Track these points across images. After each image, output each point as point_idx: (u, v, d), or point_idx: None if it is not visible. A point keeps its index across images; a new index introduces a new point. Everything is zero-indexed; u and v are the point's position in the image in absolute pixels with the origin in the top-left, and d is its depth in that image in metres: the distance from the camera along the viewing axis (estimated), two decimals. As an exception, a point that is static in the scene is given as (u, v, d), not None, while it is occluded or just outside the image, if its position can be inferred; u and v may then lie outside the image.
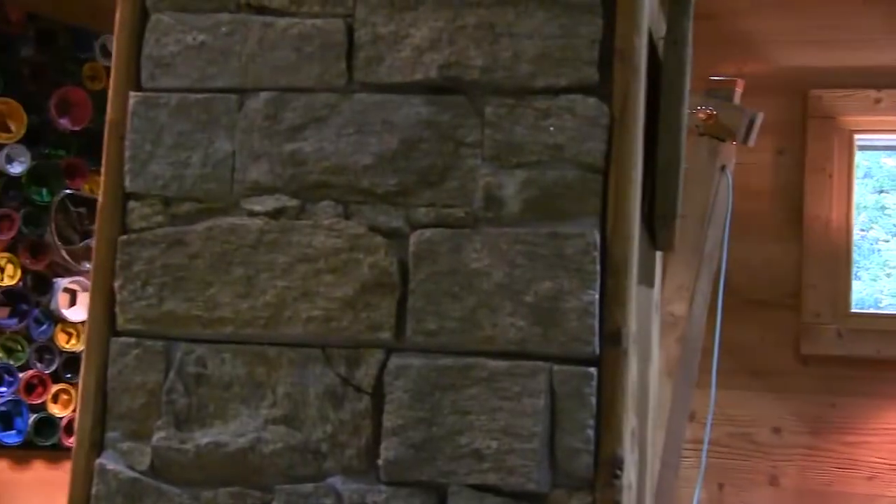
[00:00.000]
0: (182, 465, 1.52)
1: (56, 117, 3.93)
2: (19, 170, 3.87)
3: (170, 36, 1.59)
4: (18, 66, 3.87)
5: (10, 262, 3.88)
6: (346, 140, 1.53)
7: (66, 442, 3.92)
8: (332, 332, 1.51)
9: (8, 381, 3.82)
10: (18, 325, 3.85)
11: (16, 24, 3.86)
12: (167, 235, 1.57)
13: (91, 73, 4.01)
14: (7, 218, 3.85)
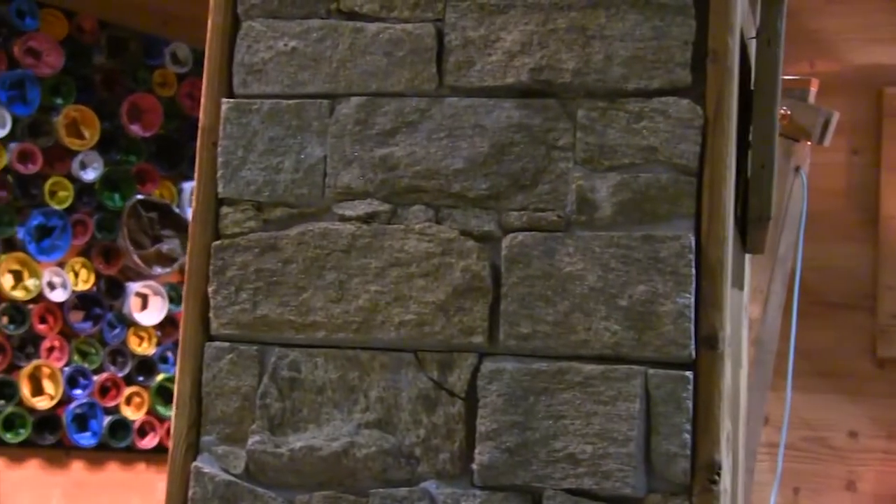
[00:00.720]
0: (277, 468, 1.53)
1: (128, 124, 3.99)
2: (93, 176, 3.94)
3: (261, 42, 1.61)
4: (91, 73, 3.94)
5: (84, 267, 3.94)
6: (437, 144, 1.54)
7: (139, 444, 3.98)
8: (424, 337, 1.51)
9: (83, 384, 3.89)
10: (92, 328, 3.91)
11: (89, 33, 3.93)
12: (260, 240, 1.58)
13: (161, 79, 4.07)
14: (81, 223, 3.92)
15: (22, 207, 3.81)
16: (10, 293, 3.74)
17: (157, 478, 4.06)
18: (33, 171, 3.80)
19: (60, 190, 3.87)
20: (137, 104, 4.01)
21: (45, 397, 3.80)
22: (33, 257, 3.80)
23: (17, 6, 3.77)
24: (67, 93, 3.87)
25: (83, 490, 3.92)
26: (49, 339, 3.83)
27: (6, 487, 3.77)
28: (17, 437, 3.73)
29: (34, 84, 3.79)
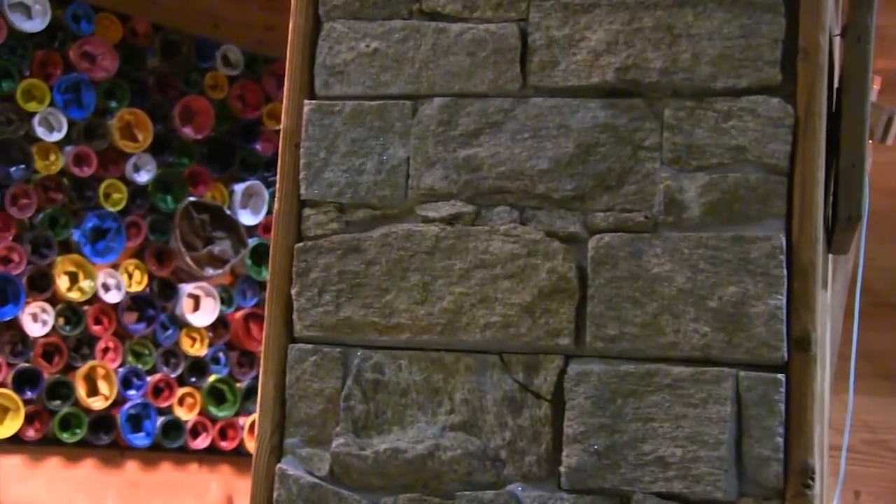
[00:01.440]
0: (361, 471, 1.53)
1: (180, 126, 4.01)
2: (146, 178, 3.96)
3: (343, 44, 1.60)
4: (145, 76, 3.96)
5: (137, 269, 3.96)
6: (521, 145, 1.52)
7: (192, 444, 3.99)
8: (510, 339, 1.50)
9: (137, 385, 3.91)
10: (146, 329, 3.93)
11: (142, 36, 3.95)
12: (343, 242, 1.57)
13: (213, 82, 4.08)
14: (134, 225, 3.94)
15: (77, 210, 3.84)
16: (65, 294, 3.77)
17: (210, 478, 4.08)
18: (88, 173, 3.82)
19: (114, 192, 3.90)
20: (189, 107, 4.03)
21: (99, 398, 3.82)
22: (88, 259, 3.82)
23: (73, 11, 3.80)
24: (121, 96, 3.89)
25: (137, 490, 3.94)
26: (104, 340, 3.86)
27: (63, 486, 3.80)
28: (73, 436, 3.76)
29: (89, 88, 3.81)
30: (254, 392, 4.12)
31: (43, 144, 3.76)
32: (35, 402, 3.71)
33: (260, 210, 4.16)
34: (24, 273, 3.70)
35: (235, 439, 4.07)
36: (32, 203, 3.72)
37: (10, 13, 3.67)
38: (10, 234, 3.70)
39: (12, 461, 3.71)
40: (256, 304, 4.16)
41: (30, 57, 3.73)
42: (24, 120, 3.72)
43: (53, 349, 3.76)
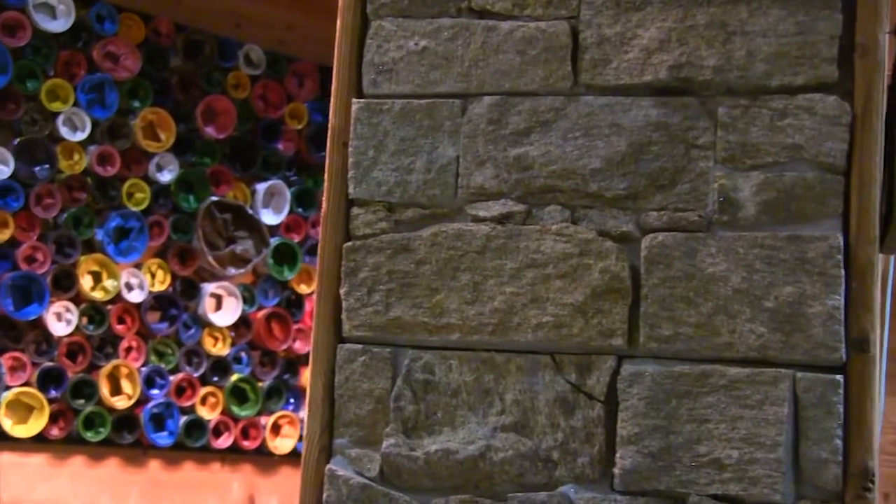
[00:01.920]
0: (412, 471, 1.51)
1: (202, 126, 3.99)
2: (168, 178, 3.94)
3: (391, 42, 1.58)
4: (167, 76, 3.95)
5: (160, 268, 3.95)
6: (572, 144, 1.51)
7: (214, 444, 3.98)
8: (562, 339, 1.48)
9: (159, 384, 3.89)
10: (168, 329, 3.91)
11: (165, 36, 3.93)
12: (392, 242, 1.55)
13: (235, 81, 4.07)
14: (157, 225, 3.92)
15: (101, 209, 3.82)
16: (89, 294, 3.76)
17: (232, 477, 4.06)
18: (111, 173, 3.81)
19: (137, 192, 3.88)
20: (212, 106, 4.01)
21: (123, 397, 3.80)
22: (112, 258, 3.81)
23: (97, 11, 3.78)
24: (144, 96, 3.87)
25: (160, 489, 3.92)
26: (127, 340, 3.84)
27: (87, 485, 3.79)
28: (97, 435, 3.74)
29: (112, 87, 3.80)
30: (275, 392, 4.11)
31: (67, 144, 3.75)
32: (59, 401, 3.70)
33: (282, 209, 4.14)
34: (49, 272, 3.69)
35: (258, 439, 4.05)
36: (56, 203, 3.71)
37: (34, 13, 3.66)
38: (34, 234, 3.68)
39: (37, 460, 3.70)
40: (278, 304, 4.14)
41: (54, 57, 3.72)
42: (48, 120, 3.71)
43: (77, 348, 3.75)
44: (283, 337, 4.11)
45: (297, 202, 4.19)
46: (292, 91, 4.19)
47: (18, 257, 3.64)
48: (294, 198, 4.17)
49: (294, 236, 4.18)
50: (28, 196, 3.66)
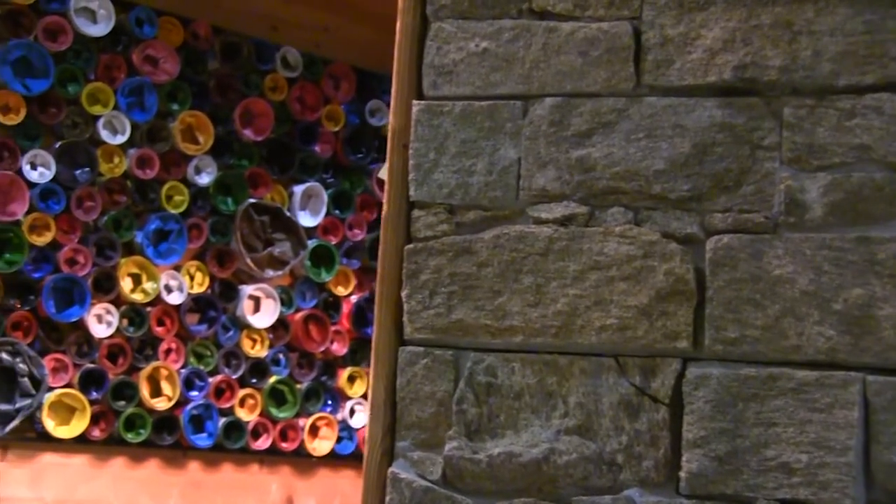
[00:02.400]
0: (475, 474, 1.50)
1: (240, 128, 4.01)
2: (207, 180, 3.95)
3: (451, 44, 1.57)
4: (206, 79, 3.96)
5: (199, 270, 3.96)
6: (635, 145, 1.50)
7: (253, 445, 3.99)
8: (626, 341, 1.47)
9: (199, 386, 3.90)
10: (207, 331, 3.93)
11: (203, 39, 3.94)
12: (454, 244, 1.55)
13: (272, 84, 4.07)
14: (196, 227, 3.94)
15: (140, 212, 3.84)
16: (129, 296, 3.77)
17: (270, 479, 4.07)
18: (151, 176, 3.83)
19: (176, 194, 3.90)
20: (249, 109, 4.02)
21: (163, 398, 3.82)
22: (151, 261, 3.82)
23: (137, 15, 3.80)
24: (183, 99, 3.89)
25: (199, 490, 3.94)
26: (166, 342, 3.86)
27: (127, 486, 3.80)
28: (137, 437, 3.76)
29: (151, 91, 3.81)
30: (313, 393, 4.11)
31: (107, 147, 3.76)
32: (100, 402, 3.72)
33: (319, 212, 4.14)
34: (90, 275, 3.71)
35: (296, 440, 4.06)
36: (97, 205, 3.72)
37: (75, 18, 3.68)
38: (75, 237, 3.71)
39: (79, 460, 3.72)
40: (316, 306, 4.15)
41: (94, 61, 3.74)
42: (88, 123, 3.73)
43: (118, 350, 3.77)
44: (320, 339, 4.12)
45: (334, 204, 4.20)
46: (329, 93, 4.19)
47: (60, 260, 3.66)
48: (331, 200, 4.18)
49: (331, 238, 4.18)
50: (69, 199, 3.68)
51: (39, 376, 3.60)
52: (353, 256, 4.24)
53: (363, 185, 4.29)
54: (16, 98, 3.60)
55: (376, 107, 4.29)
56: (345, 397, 4.21)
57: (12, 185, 3.60)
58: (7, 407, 3.55)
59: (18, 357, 3.57)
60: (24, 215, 3.61)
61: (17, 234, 3.59)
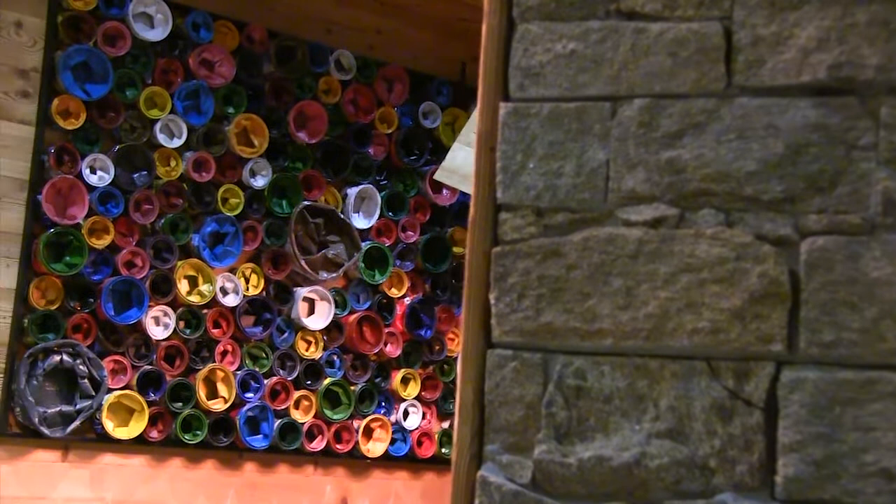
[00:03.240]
0: (564, 478, 1.49)
1: (294, 131, 4.02)
2: (262, 183, 3.97)
3: (538, 45, 1.56)
4: (261, 82, 3.98)
5: (254, 273, 3.98)
6: (726, 146, 1.48)
7: (308, 447, 4.00)
8: (719, 344, 1.45)
9: (254, 388, 3.92)
10: (262, 333, 3.94)
11: (258, 43, 3.97)
12: (542, 247, 1.54)
13: (326, 86, 4.09)
14: (251, 230, 3.96)
15: (196, 214, 3.87)
16: (186, 298, 3.80)
17: (325, 480, 4.09)
18: (207, 178, 3.85)
19: (232, 197, 3.92)
20: (304, 111, 4.04)
21: (219, 400, 3.84)
22: (207, 263, 3.85)
23: (193, 19, 3.83)
24: (238, 102, 3.91)
25: (255, 491, 3.96)
26: (222, 344, 3.88)
27: (185, 487, 3.83)
28: (194, 438, 3.79)
29: (207, 94, 3.84)
30: (367, 395, 4.12)
31: (164, 151, 3.80)
32: (158, 403, 3.75)
33: (372, 214, 4.15)
34: (147, 277, 3.74)
35: (350, 442, 4.06)
36: (154, 209, 3.76)
37: (134, 23, 3.71)
38: (133, 240, 3.74)
39: (137, 461, 3.75)
40: (369, 308, 4.16)
41: (152, 65, 3.77)
42: (146, 127, 3.76)
43: (175, 352, 3.80)
44: (374, 341, 4.12)
45: (388, 206, 4.21)
46: (382, 96, 4.20)
47: (118, 262, 3.69)
48: (384, 202, 4.19)
49: (385, 240, 4.19)
50: (127, 202, 3.71)
51: (99, 378, 3.64)
52: (407, 258, 4.24)
53: (416, 187, 4.29)
54: (76, 103, 3.64)
55: (429, 109, 4.30)
56: (398, 399, 4.21)
57: (72, 188, 3.64)
58: (68, 408, 3.59)
59: (79, 359, 3.61)
60: (83, 219, 3.65)
61: (78, 237, 3.63)
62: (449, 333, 4.29)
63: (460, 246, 4.33)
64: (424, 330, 4.21)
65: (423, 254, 4.25)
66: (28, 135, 3.59)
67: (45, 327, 3.58)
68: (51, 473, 3.59)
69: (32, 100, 3.60)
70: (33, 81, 3.61)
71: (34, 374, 3.53)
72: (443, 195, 4.26)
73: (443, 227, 4.31)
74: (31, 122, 3.59)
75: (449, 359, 4.30)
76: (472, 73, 4.39)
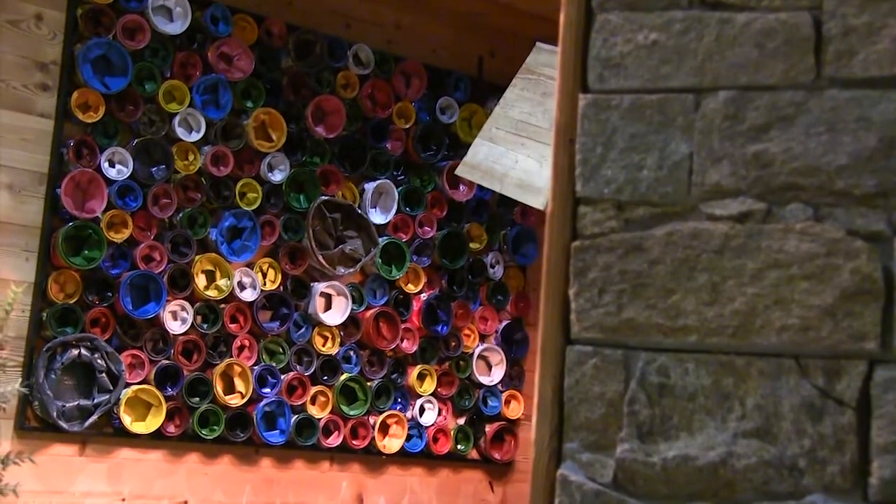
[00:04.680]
0: (647, 478, 1.44)
1: (312, 125, 3.95)
2: (280, 177, 3.90)
3: (618, 36, 1.51)
4: (279, 76, 3.91)
5: (271, 268, 3.90)
6: (816, 140, 1.43)
7: (324, 443, 3.93)
8: (808, 342, 1.40)
9: (271, 383, 3.85)
10: (280, 328, 3.87)
11: (277, 37, 3.89)
12: (623, 241, 1.48)
13: (344, 81, 4.02)
14: (269, 224, 3.88)
15: (214, 209, 3.79)
16: (203, 293, 3.73)
17: (341, 476, 4.02)
18: (225, 173, 3.78)
19: (250, 191, 3.85)
20: (321, 106, 3.97)
21: (236, 395, 3.77)
22: (225, 258, 3.78)
23: (212, 13, 3.75)
24: (257, 96, 3.84)
25: (271, 487, 3.89)
26: (240, 339, 3.81)
27: (202, 482, 3.76)
28: (211, 433, 3.71)
29: (226, 88, 3.76)
30: (384, 391, 4.05)
31: (182, 145, 3.72)
32: (175, 398, 3.67)
33: (389, 209, 4.09)
34: (165, 272, 3.67)
35: (366, 438, 4.00)
36: (173, 203, 3.68)
37: (153, 16, 3.63)
38: (151, 234, 3.66)
39: (154, 456, 3.68)
40: (386, 303, 4.09)
41: (171, 58, 3.70)
42: (164, 121, 3.69)
43: (192, 347, 3.72)
44: (391, 336, 4.06)
45: (405, 201, 4.14)
46: (400, 90, 4.14)
47: (137, 257, 3.62)
48: (401, 197, 4.12)
49: (402, 235, 4.12)
50: (146, 196, 3.64)
51: (117, 372, 3.56)
52: (424, 254, 4.18)
53: (433, 182, 4.23)
54: (95, 96, 3.56)
55: (447, 104, 4.23)
56: (414, 395, 4.15)
57: (91, 182, 3.56)
58: (86, 402, 3.51)
59: (97, 353, 3.53)
60: (102, 212, 3.57)
61: (97, 231, 3.55)
62: (465, 329, 4.23)
63: (476, 242, 4.27)
64: (441, 326, 4.15)
65: (440, 249, 4.19)
66: (47, 128, 3.51)
67: (64, 321, 3.50)
68: (68, 467, 3.51)
69: (52, 93, 3.52)
70: (53, 74, 3.53)
71: (52, 367, 3.45)
72: (460, 191, 4.20)
73: (459, 223, 4.25)
74: (50, 115, 3.51)
75: (465, 355, 4.24)
76: (489, 69, 4.33)
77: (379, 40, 4.12)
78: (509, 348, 4.32)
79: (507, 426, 4.30)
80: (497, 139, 3.41)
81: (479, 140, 3.47)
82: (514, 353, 4.33)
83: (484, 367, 4.28)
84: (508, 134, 3.40)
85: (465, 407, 4.22)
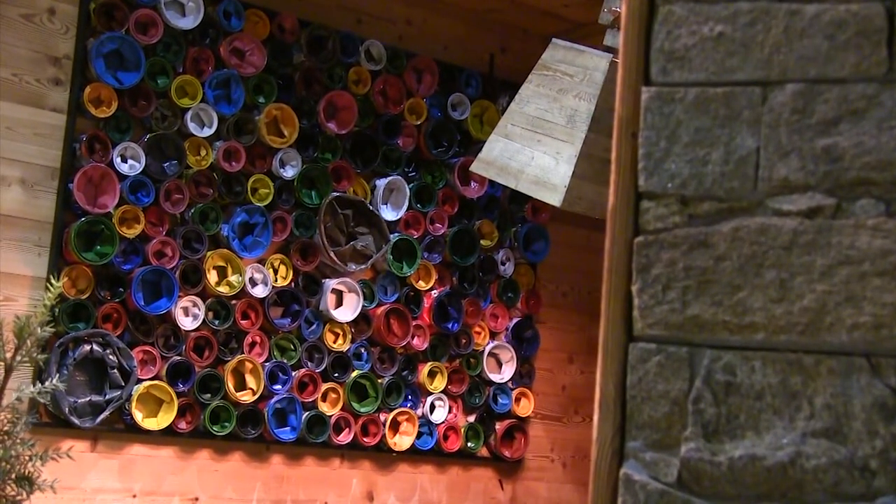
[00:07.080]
0: (713, 478, 1.39)
1: (324, 121, 3.89)
2: (291, 173, 3.84)
3: (683, 28, 1.46)
4: (291, 72, 3.85)
5: (283, 264, 3.85)
6: (888, 134, 1.38)
7: (335, 439, 3.87)
8: (881, 340, 1.36)
9: (282, 380, 3.79)
10: (291, 325, 3.81)
11: (289, 32, 3.83)
12: (688, 237, 1.44)
13: (356, 77, 3.96)
14: (280, 220, 3.82)
15: (226, 204, 3.73)
16: (215, 289, 3.67)
17: (352, 473, 3.96)
18: (237, 168, 3.72)
19: (261, 187, 3.78)
20: (333, 102, 3.91)
21: (247, 392, 3.71)
22: (237, 254, 3.71)
23: (224, 8, 3.69)
24: (269, 92, 3.78)
25: (282, 484, 3.83)
26: (251, 335, 3.75)
27: (213, 478, 3.70)
28: (223, 429, 3.65)
29: (238, 83, 3.70)
30: (394, 388, 3.99)
31: (194, 140, 3.66)
32: (187, 394, 3.61)
33: (401, 205, 4.03)
34: (177, 267, 3.61)
35: (377, 435, 3.94)
36: (184, 198, 3.62)
37: (165, 11, 3.57)
38: (163, 229, 3.60)
39: (166, 452, 3.61)
40: (397, 300, 4.04)
41: (183, 54, 3.63)
42: (177, 116, 3.62)
43: (204, 343, 3.66)
44: (401, 333, 4.00)
45: (416, 198, 4.09)
46: (411, 86, 4.08)
47: (149, 252, 3.55)
48: (413, 194, 4.07)
49: (413, 232, 4.07)
50: (158, 192, 3.57)
51: (129, 368, 3.50)
52: (435, 251, 4.13)
53: (445, 178, 4.18)
54: (108, 91, 3.50)
55: (458, 100, 4.18)
56: (425, 392, 4.09)
57: (104, 177, 3.50)
58: (97, 398, 3.45)
59: (108, 349, 3.47)
60: (114, 208, 3.51)
61: (109, 226, 3.49)
62: (475, 327, 4.18)
63: (487, 239, 4.22)
64: (451, 323, 4.10)
65: (451, 246, 4.14)
66: (60, 123, 3.44)
67: (76, 317, 3.44)
68: (80, 464, 3.44)
69: (64, 87, 3.45)
70: (65, 69, 3.46)
71: (64, 363, 3.38)
72: (471, 187, 4.15)
73: (471, 220, 4.20)
74: (62, 110, 3.44)
75: (475, 352, 4.19)
76: (500, 65, 4.28)
77: (390, 36, 4.06)
78: (520, 345, 4.27)
79: (517, 424, 4.25)
80: (512, 136, 3.36)
81: (495, 136, 3.42)
82: (525, 350, 4.28)
83: (494, 365, 4.23)
84: (524, 130, 3.34)
85: (475, 404, 4.17)
